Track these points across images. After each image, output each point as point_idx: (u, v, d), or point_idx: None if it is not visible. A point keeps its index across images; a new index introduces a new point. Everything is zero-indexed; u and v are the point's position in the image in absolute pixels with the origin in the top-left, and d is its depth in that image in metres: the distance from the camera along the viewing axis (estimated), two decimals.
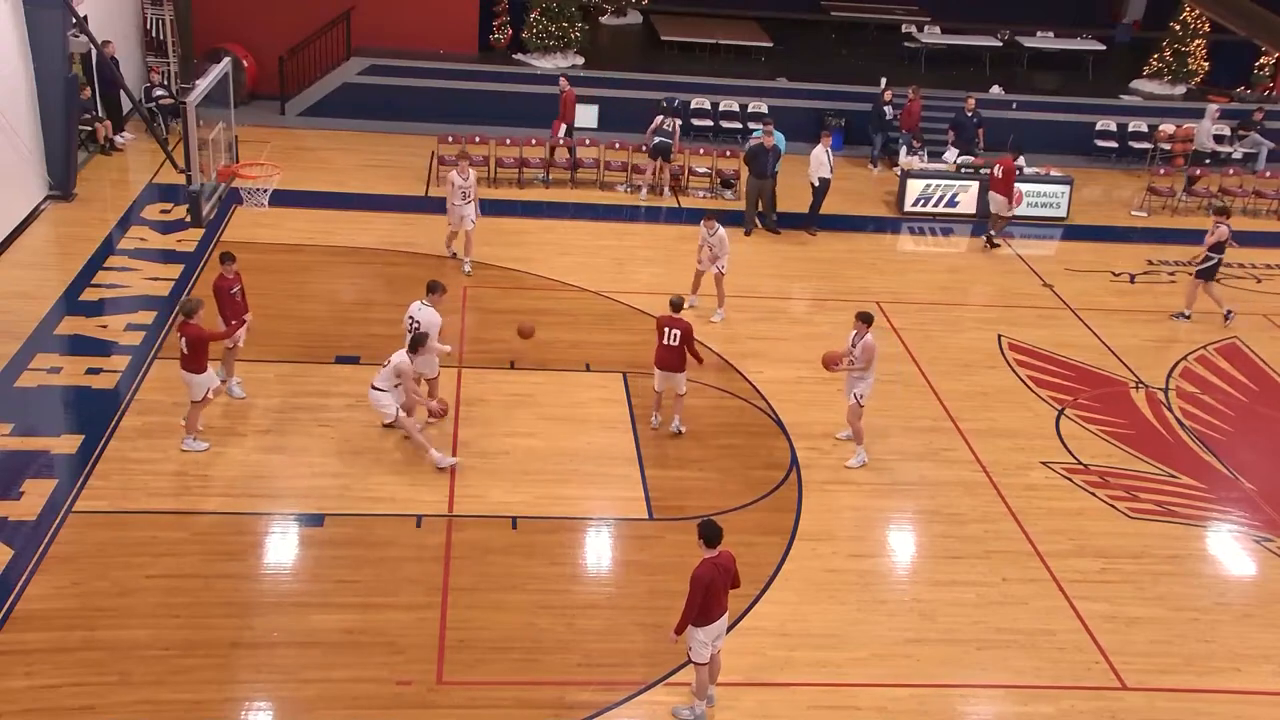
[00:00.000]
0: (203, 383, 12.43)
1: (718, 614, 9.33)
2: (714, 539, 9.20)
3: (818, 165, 19.74)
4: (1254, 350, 17.04)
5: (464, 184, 16.93)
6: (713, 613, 9.27)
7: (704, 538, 9.20)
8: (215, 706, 9.43)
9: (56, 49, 18.07)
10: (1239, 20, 8.52)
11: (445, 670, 9.97)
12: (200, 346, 12.25)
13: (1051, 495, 13.18)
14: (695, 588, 9.11)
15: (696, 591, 9.11)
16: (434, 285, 13.26)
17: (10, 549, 10.88)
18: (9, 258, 16.73)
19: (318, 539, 11.48)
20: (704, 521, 9.30)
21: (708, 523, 9.27)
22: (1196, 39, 25.93)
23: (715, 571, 9.17)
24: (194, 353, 12.24)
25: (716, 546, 9.21)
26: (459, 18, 24.32)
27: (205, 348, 12.35)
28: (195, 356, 12.25)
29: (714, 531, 9.21)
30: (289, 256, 17.43)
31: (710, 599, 9.19)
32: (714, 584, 9.17)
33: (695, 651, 9.40)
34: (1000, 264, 19.61)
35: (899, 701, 10.07)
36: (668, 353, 13.29)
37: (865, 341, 12.87)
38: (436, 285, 13.27)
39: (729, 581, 9.36)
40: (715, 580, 9.18)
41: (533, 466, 12.85)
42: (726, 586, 9.35)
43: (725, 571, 9.27)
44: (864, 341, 12.87)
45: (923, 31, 27.93)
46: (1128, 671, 10.61)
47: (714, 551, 9.20)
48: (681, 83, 24.28)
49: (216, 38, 22.79)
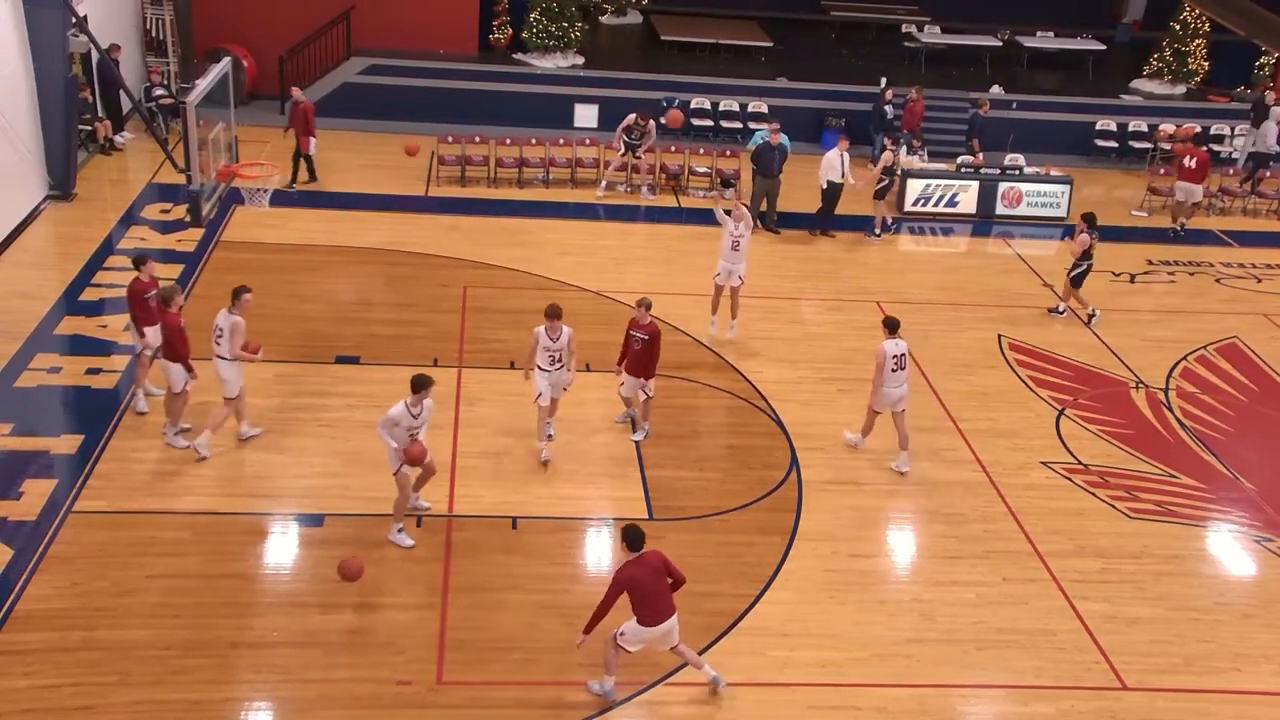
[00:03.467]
0: (179, 374, 12.31)
1: (666, 614, 9.42)
2: (636, 542, 9.33)
3: (828, 168, 19.68)
4: (1254, 350, 17.04)
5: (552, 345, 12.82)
6: (660, 613, 9.39)
7: (626, 541, 9.36)
8: (215, 706, 9.43)
9: (56, 49, 18.07)
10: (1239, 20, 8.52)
11: (445, 670, 9.97)
12: (176, 335, 12.18)
13: (1051, 495, 13.18)
14: (612, 589, 9.28)
15: (614, 593, 9.27)
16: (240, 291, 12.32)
17: (10, 549, 10.88)
18: (9, 258, 16.73)
19: (318, 539, 11.48)
20: (626, 526, 9.44)
21: (629, 527, 9.42)
22: (1196, 39, 25.93)
23: (642, 571, 9.28)
24: (170, 341, 12.24)
25: (639, 549, 9.32)
26: (459, 18, 24.32)
27: (182, 337, 12.23)
28: (172, 345, 12.25)
29: (635, 534, 9.34)
30: (289, 256, 17.43)
31: (651, 600, 9.31)
32: (643, 584, 9.27)
33: (628, 638, 9.48)
34: (1000, 264, 19.61)
35: (899, 701, 10.07)
36: (635, 357, 13.05)
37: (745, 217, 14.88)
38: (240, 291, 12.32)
39: (663, 580, 9.44)
40: (644, 580, 9.27)
41: (533, 466, 12.85)
42: (664, 586, 9.42)
43: (656, 571, 9.37)
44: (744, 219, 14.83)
45: (923, 31, 27.92)
46: (1128, 671, 10.61)
47: (635, 554, 9.33)
48: (681, 83, 24.30)
49: (216, 38, 22.79)
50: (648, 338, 12.94)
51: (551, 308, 12.57)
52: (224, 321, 12.21)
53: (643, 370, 13.09)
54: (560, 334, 12.60)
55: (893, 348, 12.95)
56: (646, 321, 12.97)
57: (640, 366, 13.07)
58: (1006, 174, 21.65)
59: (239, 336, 12.18)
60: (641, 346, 12.96)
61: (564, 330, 12.62)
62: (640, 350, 12.97)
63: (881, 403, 13.18)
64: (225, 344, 12.22)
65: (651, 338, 12.97)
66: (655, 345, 13.04)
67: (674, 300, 16.48)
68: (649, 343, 12.96)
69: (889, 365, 12.92)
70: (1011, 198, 21.54)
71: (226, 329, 12.18)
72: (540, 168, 21.49)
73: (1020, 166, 21.83)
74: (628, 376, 13.21)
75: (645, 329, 12.95)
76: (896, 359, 12.97)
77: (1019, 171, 21.74)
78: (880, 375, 12.98)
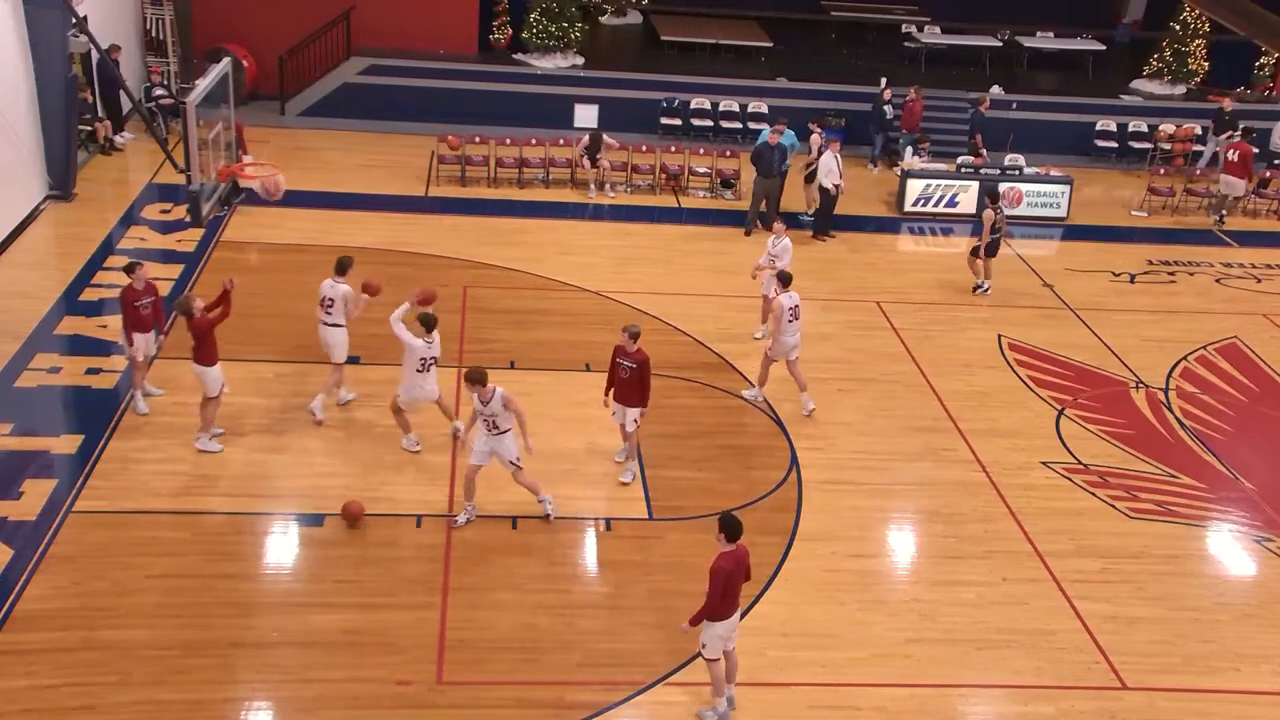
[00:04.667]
0: (215, 378, 12.40)
1: (734, 609, 9.35)
2: (735, 533, 9.20)
3: (826, 172, 19.69)
4: (1254, 350, 17.04)
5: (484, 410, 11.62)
6: (730, 607, 9.29)
7: (724, 531, 9.20)
8: (215, 706, 9.43)
9: (56, 49, 18.07)
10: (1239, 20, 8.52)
11: (445, 670, 9.97)
12: (206, 338, 12.19)
13: (1051, 495, 13.18)
14: (715, 580, 9.09)
15: (717, 584, 9.09)
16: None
17: (10, 549, 10.88)
18: (9, 258, 16.73)
19: (318, 539, 11.48)
20: (725, 515, 9.31)
21: (728, 516, 9.27)
22: (1196, 39, 25.92)
23: (735, 565, 9.19)
24: (201, 346, 12.23)
25: (736, 541, 9.22)
26: (459, 18, 24.32)
27: (212, 340, 12.27)
28: (203, 349, 12.24)
29: (734, 525, 9.21)
30: (289, 256, 17.42)
31: (728, 593, 9.20)
32: (733, 578, 9.18)
33: (709, 648, 9.40)
34: (1000, 264, 19.57)
35: (899, 701, 10.07)
36: (623, 385, 12.34)
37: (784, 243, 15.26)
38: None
39: (745, 576, 9.40)
40: (734, 574, 9.19)
41: (533, 466, 12.81)
42: (743, 581, 9.39)
43: (742, 566, 9.31)
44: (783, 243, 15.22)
45: (923, 31, 27.93)
46: (1128, 671, 10.61)
47: (733, 546, 9.21)
48: (681, 83, 24.29)
49: (216, 38, 22.78)
50: (635, 366, 12.19)
51: (472, 372, 11.29)
52: (334, 291, 12.94)
53: (629, 399, 12.36)
54: (491, 396, 11.28)
55: (789, 300, 13.83)
56: (634, 350, 12.17)
57: (628, 396, 12.35)
58: (1006, 174, 21.65)
59: (353, 302, 12.99)
60: (629, 375, 12.23)
61: (494, 391, 11.27)
62: (628, 379, 12.25)
63: (779, 351, 14.01)
64: (337, 312, 12.97)
65: (640, 367, 12.20)
66: (644, 375, 12.25)
67: (674, 300, 16.47)
68: (637, 372, 12.21)
69: (786, 316, 13.80)
70: (1011, 198, 21.53)
71: (338, 298, 12.92)
72: (540, 168, 21.49)
73: (1020, 166, 21.84)
74: (616, 405, 12.57)
75: (633, 357, 12.19)
76: (793, 310, 13.88)
77: (1019, 171, 21.75)
78: (778, 325, 13.82)
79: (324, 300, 13.01)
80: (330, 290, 12.97)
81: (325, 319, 13.09)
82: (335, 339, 13.14)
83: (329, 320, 13.07)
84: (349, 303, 12.99)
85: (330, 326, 13.09)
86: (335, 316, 13.03)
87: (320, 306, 13.06)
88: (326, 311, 13.04)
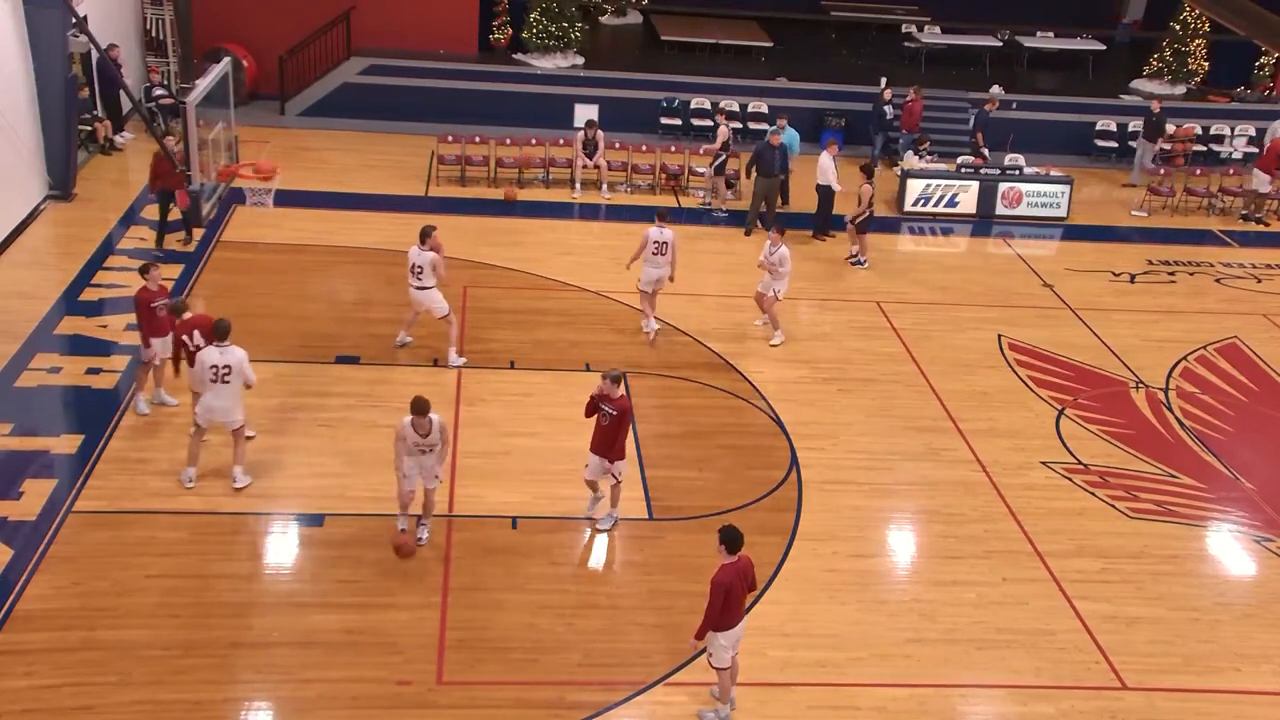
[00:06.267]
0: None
1: (738, 618, 9.34)
2: (735, 545, 9.19)
3: (822, 174, 19.69)
4: (1254, 350, 17.04)
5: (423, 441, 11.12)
6: (734, 617, 9.28)
7: (724, 543, 9.19)
8: (215, 706, 9.43)
9: (56, 49, 18.06)
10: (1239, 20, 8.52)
11: (445, 670, 9.97)
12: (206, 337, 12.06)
13: (1051, 495, 13.18)
14: (715, 593, 9.09)
15: (717, 597, 9.09)
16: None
17: (10, 549, 10.88)
18: (9, 258, 16.72)
19: (318, 539, 11.48)
20: (725, 527, 9.29)
21: (729, 528, 9.25)
22: (1196, 39, 25.93)
23: (735, 576, 9.17)
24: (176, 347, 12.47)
25: (737, 553, 9.21)
26: (459, 18, 24.32)
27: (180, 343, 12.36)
28: None
29: (735, 537, 9.20)
30: (289, 256, 17.42)
31: (731, 604, 9.18)
32: (734, 589, 9.17)
33: (716, 656, 9.41)
34: (1000, 264, 19.62)
35: (899, 701, 10.07)
36: (602, 434, 11.43)
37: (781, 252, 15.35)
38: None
39: (748, 586, 9.39)
40: (735, 585, 9.18)
41: (533, 466, 12.85)
42: (746, 591, 9.38)
43: (744, 576, 9.30)
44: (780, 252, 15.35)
45: (923, 31, 27.93)
46: (1128, 671, 10.61)
47: (734, 557, 9.20)
48: (681, 83, 24.29)
49: (216, 38, 22.79)
50: (616, 414, 11.28)
51: (417, 401, 10.78)
52: (420, 258, 14.10)
53: (608, 450, 11.45)
54: (431, 428, 10.84)
55: (656, 234, 15.32)
56: (618, 396, 11.34)
57: (606, 446, 11.43)
58: (1006, 174, 21.66)
59: (440, 266, 14.21)
60: (609, 423, 11.31)
61: (432, 420, 10.82)
62: (608, 426, 11.32)
63: (645, 280, 15.43)
64: (426, 276, 14.16)
65: (621, 414, 11.28)
66: (625, 423, 11.35)
67: (674, 300, 16.46)
68: (618, 419, 11.29)
69: (650, 248, 15.28)
70: (1011, 198, 21.54)
71: (425, 264, 14.09)
72: (540, 168, 21.49)
73: (1020, 166, 21.83)
74: (593, 457, 11.58)
75: (615, 404, 11.30)
76: (658, 245, 15.31)
77: (1019, 171, 21.74)
78: (642, 253, 15.32)
79: (413, 267, 14.17)
80: (417, 257, 14.13)
81: (416, 284, 14.26)
82: (430, 299, 14.36)
83: (420, 284, 14.24)
84: (436, 267, 14.18)
85: (421, 290, 14.28)
86: (425, 280, 14.22)
87: (410, 273, 14.22)
88: (416, 276, 14.21)
